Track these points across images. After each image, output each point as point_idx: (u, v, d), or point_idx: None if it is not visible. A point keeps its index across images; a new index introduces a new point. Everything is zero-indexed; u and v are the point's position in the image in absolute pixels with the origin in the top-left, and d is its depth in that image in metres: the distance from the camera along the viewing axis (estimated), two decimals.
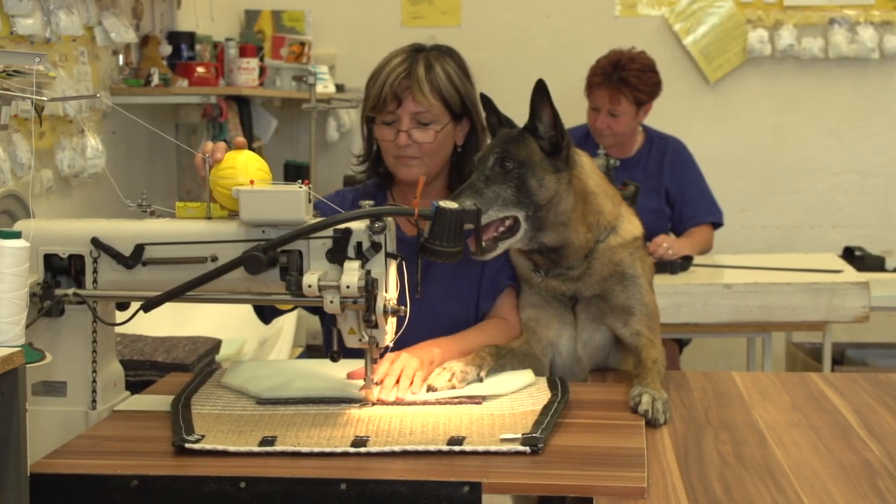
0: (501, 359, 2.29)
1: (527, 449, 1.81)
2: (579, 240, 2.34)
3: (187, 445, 1.83)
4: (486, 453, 1.80)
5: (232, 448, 1.82)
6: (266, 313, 2.55)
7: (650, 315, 2.42)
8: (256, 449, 1.82)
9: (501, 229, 2.28)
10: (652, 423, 2.06)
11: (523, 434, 1.86)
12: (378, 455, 1.81)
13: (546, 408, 2.03)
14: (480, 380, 2.21)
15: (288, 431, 1.91)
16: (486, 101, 2.45)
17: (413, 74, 2.41)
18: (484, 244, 2.26)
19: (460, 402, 2.09)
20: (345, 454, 1.81)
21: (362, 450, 1.81)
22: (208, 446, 1.83)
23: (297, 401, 2.09)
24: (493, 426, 1.93)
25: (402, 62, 2.43)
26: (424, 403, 2.08)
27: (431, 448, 1.81)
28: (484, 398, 2.11)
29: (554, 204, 2.29)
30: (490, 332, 2.40)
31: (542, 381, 2.23)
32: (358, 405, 2.07)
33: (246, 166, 2.05)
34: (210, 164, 2.06)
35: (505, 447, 1.81)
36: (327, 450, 1.81)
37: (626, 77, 4.12)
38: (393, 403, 2.08)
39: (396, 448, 1.81)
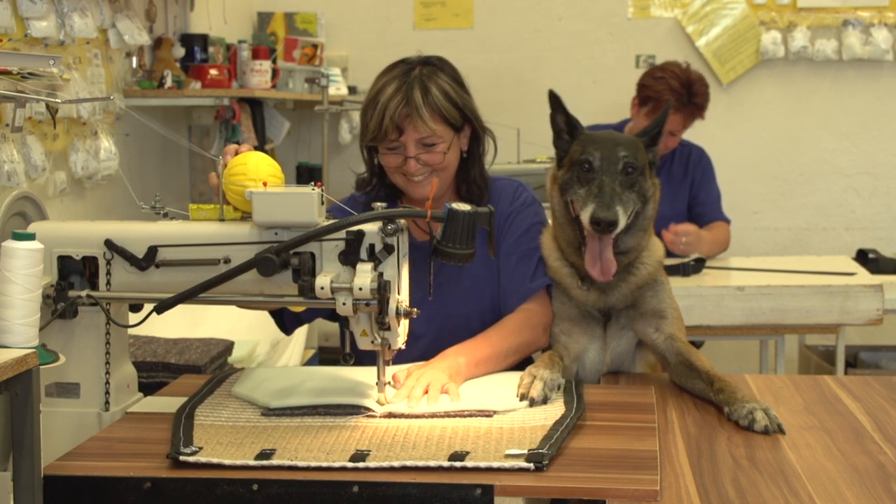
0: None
1: (531, 466, 1.76)
2: (642, 247, 2.41)
3: (182, 458, 1.79)
4: (489, 470, 1.76)
5: (227, 461, 1.78)
6: (287, 325, 2.54)
7: (679, 318, 2.46)
8: (252, 462, 1.78)
9: (612, 240, 2.33)
10: (778, 432, 2.05)
11: (529, 450, 1.81)
12: (377, 470, 1.76)
13: (557, 423, 1.98)
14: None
15: (288, 444, 1.87)
16: (555, 99, 2.42)
17: (411, 102, 2.35)
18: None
19: (470, 416, 2.04)
20: (342, 469, 1.76)
21: (360, 465, 1.77)
22: (203, 459, 1.79)
23: (303, 412, 2.05)
24: (500, 440, 1.88)
25: (398, 90, 2.36)
26: (433, 416, 2.04)
27: (432, 464, 1.76)
28: (495, 412, 2.06)
29: (648, 208, 2.39)
30: (511, 329, 2.38)
31: (559, 395, 2.18)
32: (365, 415, 2.03)
33: (258, 167, 2.05)
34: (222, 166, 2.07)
35: (508, 463, 1.76)
36: (325, 464, 1.77)
37: (699, 102, 4.21)
38: (402, 416, 2.04)
39: (396, 464, 1.77)
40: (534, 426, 1.97)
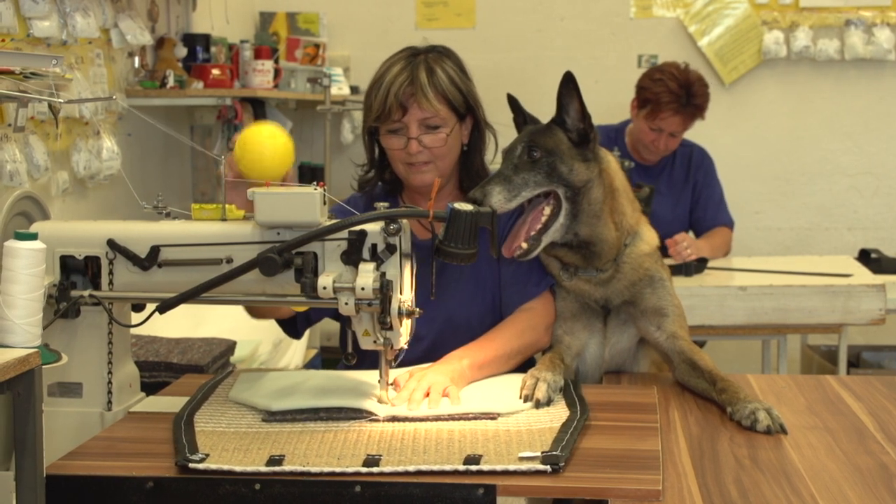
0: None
1: (547, 468, 1.74)
2: (610, 236, 2.35)
3: (191, 465, 1.78)
4: (505, 472, 1.74)
5: (238, 468, 1.76)
6: (299, 327, 2.53)
7: (682, 316, 2.44)
8: (264, 469, 1.76)
9: (538, 225, 2.29)
10: (781, 432, 2.05)
11: (543, 452, 1.80)
12: (391, 475, 1.75)
13: (566, 425, 1.96)
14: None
15: (296, 450, 1.85)
16: (513, 102, 2.47)
17: (416, 81, 2.37)
18: (526, 243, 2.29)
19: (475, 418, 2.03)
20: (356, 474, 1.74)
21: (374, 469, 1.74)
22: (213, 466, 1.77)
23: (305, 417, 2.03)
24: (509, 443, 1.87)
25: (403, 69, 2.38)
26: (437, 419, 2.02)
27: (447, 468, 1.75)
28: (499, 414, 2.05)
29: (588, 190, 2.32)
30: (513, 331, 2.38)
31: (559, 398, 2.17)
32: (367, 419, 2.02)
33: (273, 137, 2.08)
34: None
35: (524, 466, 1.75)
36: (338, 469, 1.75)
37: (699, 103, 4.17)
38: (406, 420, 2.02)
39: (410, 468, 1.75)
40: (541, 428, 1.96)
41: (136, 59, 4.17)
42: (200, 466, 1.78)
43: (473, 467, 1.75)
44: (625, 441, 1.92)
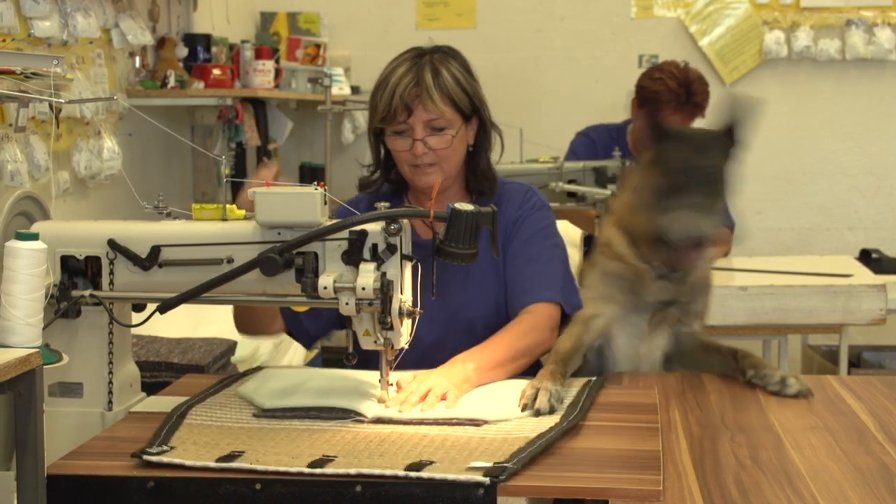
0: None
1: (486, 480, 1.69)
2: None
3: (145, 457, 1.78)
4: (444, 482, 1.69)
5: (189, 462, 1.76)
6: (310, 338, 2.53)
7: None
8: (212, 464, 1.76)
9: None
10: (810, 395, 2.23)
11: (495, 463, 1.75)
12: (334, 476, 1.72)
13: (540, 436, 1.90)
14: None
15: (259, 447, 1.84)
16: (655, 124, 2.52)
17: (421, 82, 2.36)
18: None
19: (458, 424, 2.00)
20: (299, 474, 1.73)
21: (317, 471, 1.73)
22: (165, 459, 1.77)
23: (294, 415, 2.02)
24: (472, 451, 1.83)
25: (408, 71, 2.38)
26: (421, 423, 2.00)
27: (388, 472, 1.72)
28: (486, 421, 2.01)
29: None
30: (518, 332, 2.36)
31: (562, 406, 2.12)
32: (352, 419, 2.00)
33: None
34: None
35: (464, 476, 1.70)
36: (281, 469, 1.74)
37: (698, 101, 4.17)
38: (391, 422, 2.00)
39: (352, 471, 1.72)
40: (517, 437, 1.91)
41: (137, 59, 4.17)
42: (154, 459, 1.78)
43: (413, 474, 1.71)
44: (625, 441, 1.92)
